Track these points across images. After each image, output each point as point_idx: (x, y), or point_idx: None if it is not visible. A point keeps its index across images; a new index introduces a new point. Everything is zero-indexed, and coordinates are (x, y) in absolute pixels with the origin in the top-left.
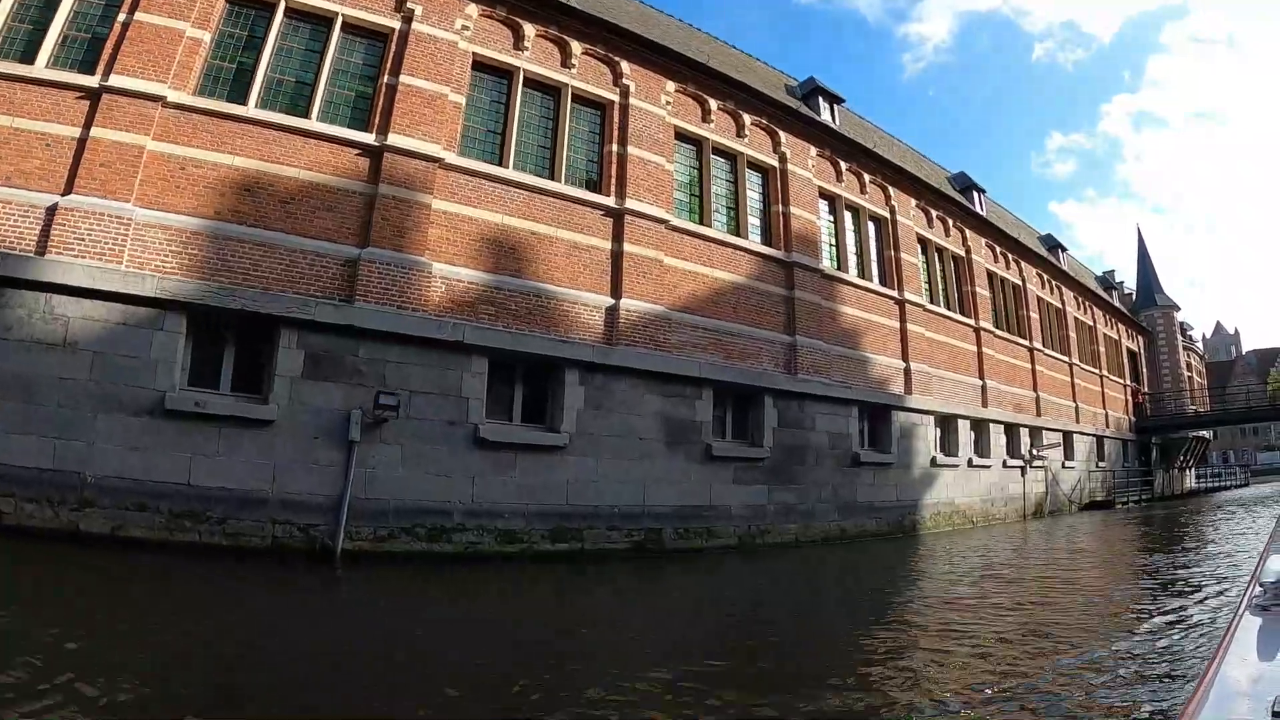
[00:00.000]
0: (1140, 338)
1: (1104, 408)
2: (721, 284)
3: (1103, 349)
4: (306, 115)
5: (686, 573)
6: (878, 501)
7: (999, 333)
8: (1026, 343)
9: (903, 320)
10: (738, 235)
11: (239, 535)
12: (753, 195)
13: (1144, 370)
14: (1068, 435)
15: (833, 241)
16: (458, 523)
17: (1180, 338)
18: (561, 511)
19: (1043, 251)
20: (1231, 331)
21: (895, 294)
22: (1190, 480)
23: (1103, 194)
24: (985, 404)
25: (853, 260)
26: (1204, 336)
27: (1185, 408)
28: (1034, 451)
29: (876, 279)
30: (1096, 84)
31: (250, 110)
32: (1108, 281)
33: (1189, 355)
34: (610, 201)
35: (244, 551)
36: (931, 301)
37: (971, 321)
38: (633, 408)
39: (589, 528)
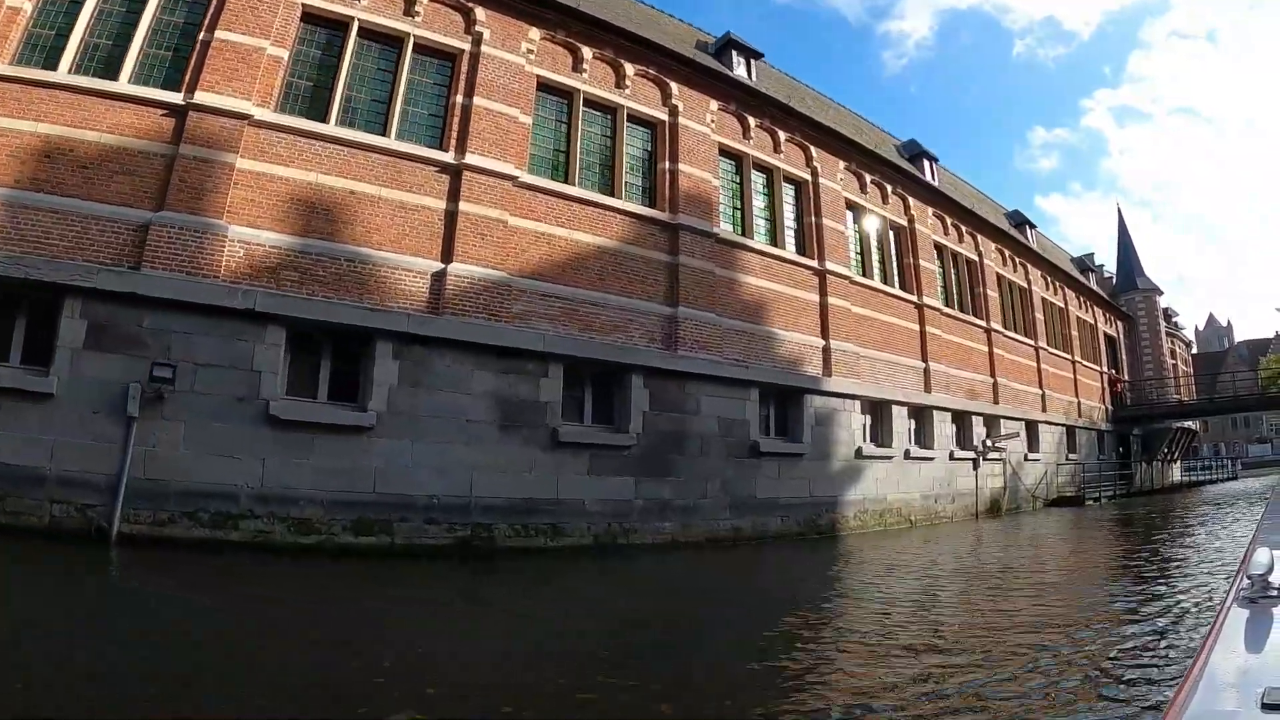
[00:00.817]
0: (1119, 323)
1: (1076, 396)
2: (584, 248)
3: (1075, 333)
4: (116, 78)
5: (504, 580)
6: (784, 498)
7: (949, 311)
8: (983, 323)
9: (823, 293)
10: (610, 195)
11: (19, 514)
12: (634, 152)
13: (1123, 357)
14: (1032, 425)
15: (736, 204)
16: (245, 508)
17: (1163, 323)
18: (367, 501)
19: (1005, 226)
20: (1224, 324)
21: (814, 264)
22: (1176, 474)
23: (1088, 187)
24: (929, 389)
25: (761, 225)
26: (1197, 329)
27: (1168, 397)
28: (989, 443)
29: (792, 247)
30: (1077, 79)
31: (61, 76)
32: (1084, 263)
33: (1173, 342)
34: (448, 157)
35: (23, 531)
36: (864, 274)
37: (914, 298)
38: (460, 385)
39: (401, 520)
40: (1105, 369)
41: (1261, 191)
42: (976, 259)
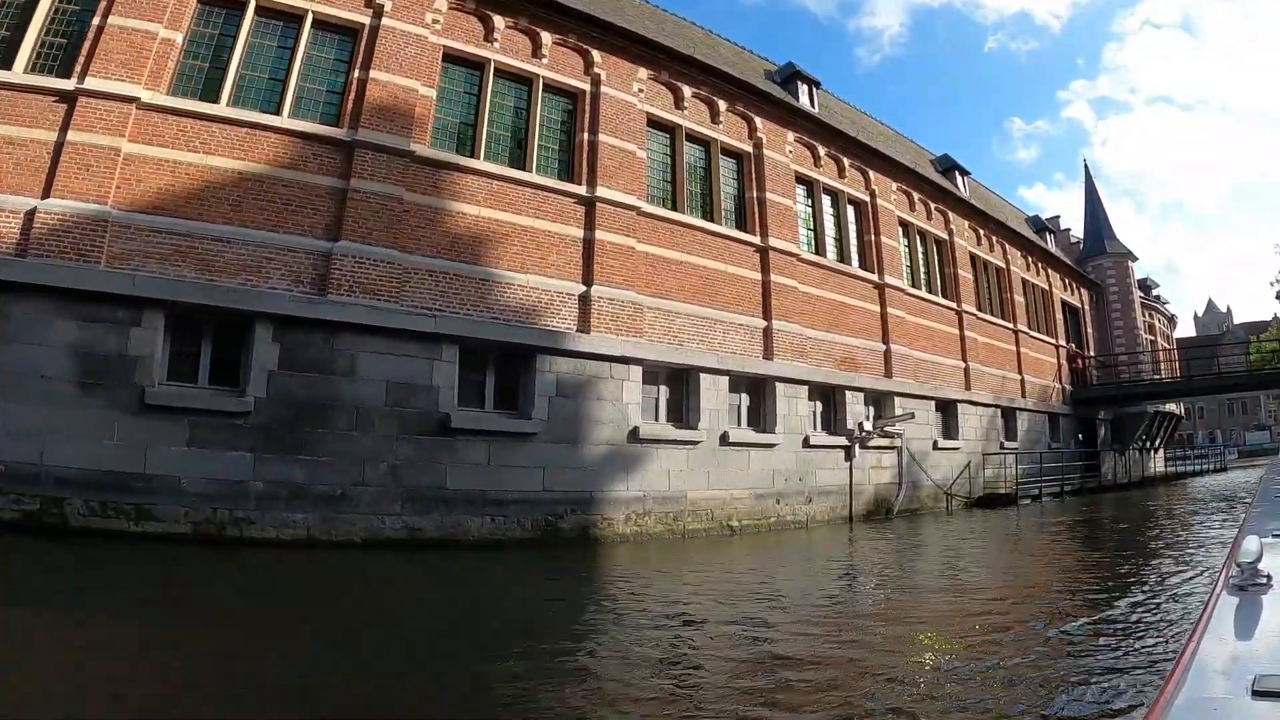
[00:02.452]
0: (1084, 291)
1: (1020, 372)
2: (220, 174)
3: (1020, 298)
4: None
5: None
6: (498, 490)
7: (809, 258)
8: (873, 277)
9: (589, 228)
10: (273, 113)
11: None
12: (321, 68)
13: (1088, 330)
14: (948, 404)
15: (468, 120)
16: None
17: (1137, 292)
18: None
19: (909, 162)
20: (1224, 310)
21: (580, 190)
22: (1159, 463)
23: (1071, 177)
24: (771, 354)
25: (497, 145)
26: (1196, 315)
27: (1142, 376)
28: (869, 427)
29: (553, 171)
30: (1051, 71)
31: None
32: (1040, 223)
33: (1152, 315)
34: (65, 84)
35: None
36: (671, 206)
37: (755, 239)
38: (35, 336)
39: None
40: (1064, 343)
41: (1239, 176)
42: (867, 199)
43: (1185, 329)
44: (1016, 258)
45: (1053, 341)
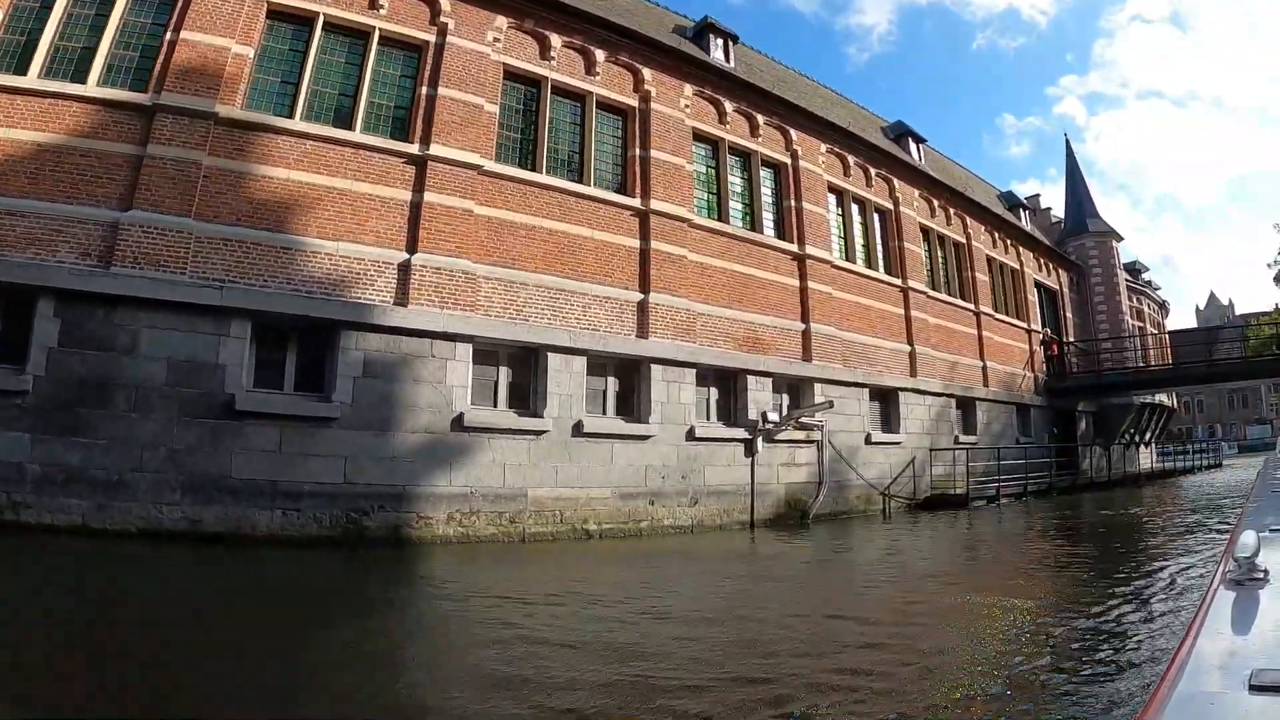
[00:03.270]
0: (1063, 273)
1: (981, 357)
2: (20, 147)
3: (985, 277)
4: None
5: None
6: (291, 481)
7: (705, 224)
8: (791, 247)
9: (418, 190)
10: (80, 82)
11: None
12: (135, 33)
13: (1068, 315)
14: (888, 393)
15: (291, 79)
16: None
17: (1122, 274)
18: None
19: (844, 123)
20: (1226, 302)
21: (412, 149)
22: (1149, 459)
23: (1063, 173)
24: (646, 331)
25: (319, 103)
26: (1198, 308)
27: (1127, 364)
28: (773, 418)
29: (385, 130)
30: (1040, 67)
31: None
32: (1014, 199)
33: (1140, 301)
34: None
35: None
36: (527, 166)
37: (634, 202)
38: None
39: None
40: (1038, 327)
41: (1234, 171)
42: (788, 161)
43: (1187, 323)
44: (980, 233)
45: (1024, 325)
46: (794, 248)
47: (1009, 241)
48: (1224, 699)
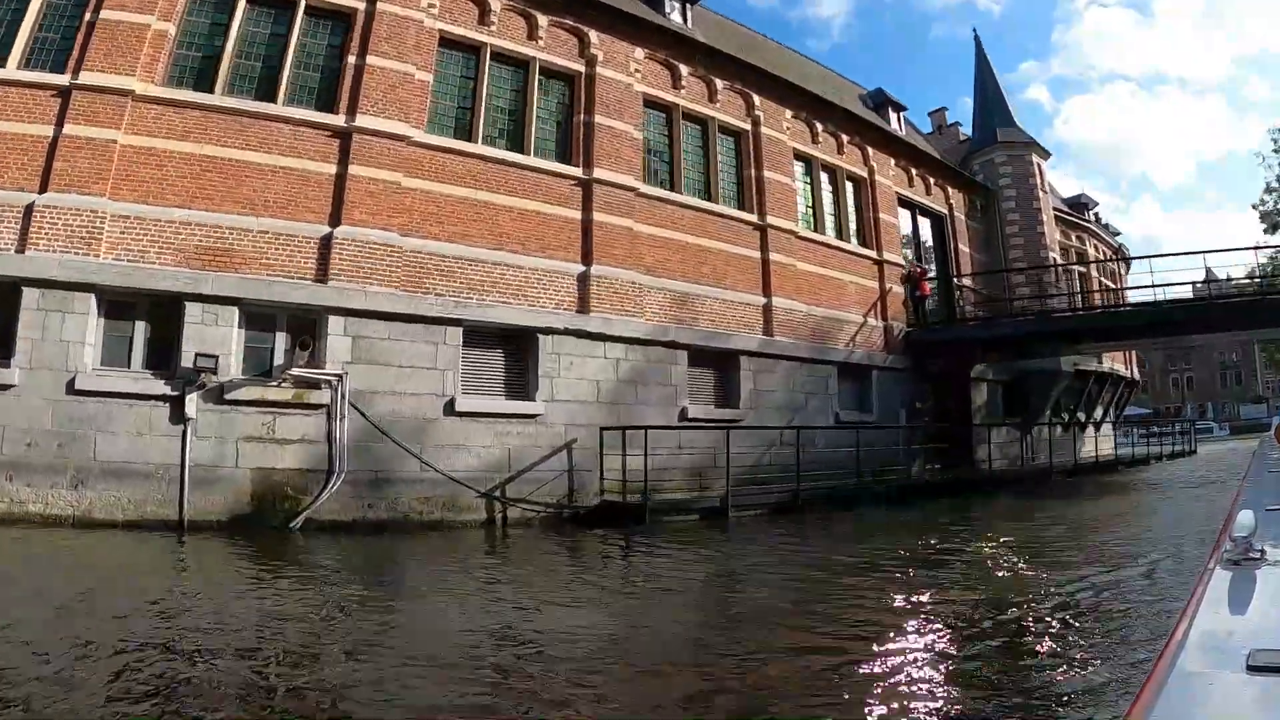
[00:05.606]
0: (957, 194)
1: (765, 292)
2: None
3: (784, 178)
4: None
5: None
6: None
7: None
8: (336, 120)
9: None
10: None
11: None
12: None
13: (963, 249)
14: (516, 336)
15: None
16: None
17: (1047, 198)
18: None
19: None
20: (1224, 278)
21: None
22: (1109, 444)
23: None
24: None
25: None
26: (1194, 286)
27: (1050, 311)
28: (234, 369)
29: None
30: (1000, 53)
31: None
32: (882, 96)
33: (1082, 239)
34: None
35: None
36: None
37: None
38: None
39: None
40: (902, 260)
41: (1203, 148)
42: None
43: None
44: (780, 119)
45: (870, 255)
46: (339, 121)
47: (847, 139)
48: (1222, 679)
